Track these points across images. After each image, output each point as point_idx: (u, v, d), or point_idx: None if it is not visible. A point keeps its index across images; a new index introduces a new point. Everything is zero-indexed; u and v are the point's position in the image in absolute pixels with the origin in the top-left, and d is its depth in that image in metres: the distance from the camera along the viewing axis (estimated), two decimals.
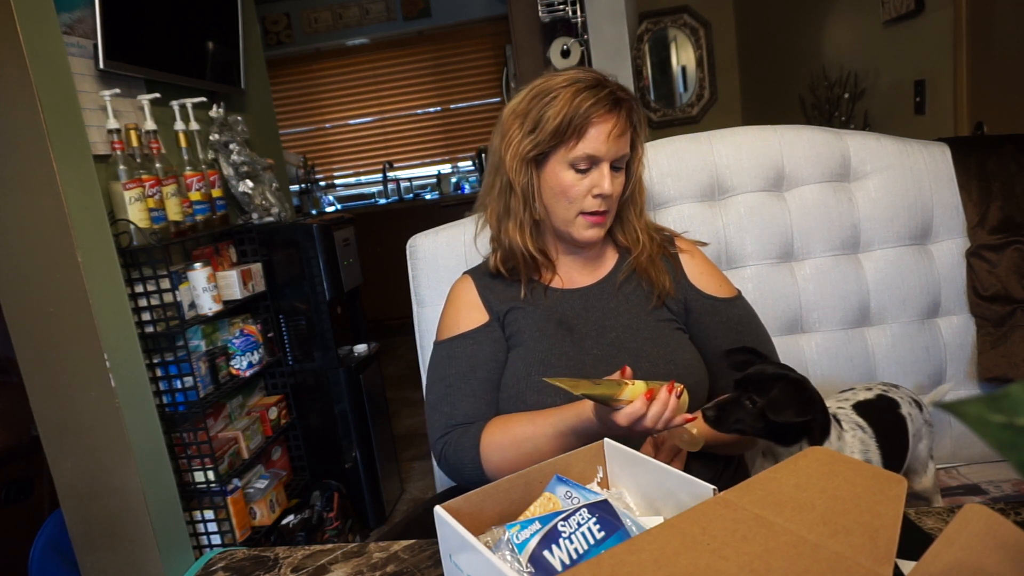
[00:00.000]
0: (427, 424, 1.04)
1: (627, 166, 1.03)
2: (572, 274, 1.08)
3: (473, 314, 1.06)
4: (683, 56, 4.34)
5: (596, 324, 1.01)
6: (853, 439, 0.93)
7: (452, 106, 4.98)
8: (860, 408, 0.99)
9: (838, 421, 0.94)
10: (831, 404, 1.00)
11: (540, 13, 2.73)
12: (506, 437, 0.94)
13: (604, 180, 0.96)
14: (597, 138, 0.95)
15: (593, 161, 0.97)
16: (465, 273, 1.12)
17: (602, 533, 0.61)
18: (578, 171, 0.97)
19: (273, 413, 2.06)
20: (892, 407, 1.01)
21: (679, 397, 0.82)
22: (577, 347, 0.99)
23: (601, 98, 0.95)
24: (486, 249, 1.13)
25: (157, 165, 1.69)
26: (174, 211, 1.73)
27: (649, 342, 0.99)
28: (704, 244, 1.16)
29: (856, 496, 0.52)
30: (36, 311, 1.39)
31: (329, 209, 4.98)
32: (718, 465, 1.00)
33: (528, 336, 1.01)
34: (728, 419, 0.85)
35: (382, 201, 5.03)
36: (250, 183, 2.11)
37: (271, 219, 2.14)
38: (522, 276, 1.06)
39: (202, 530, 1.76)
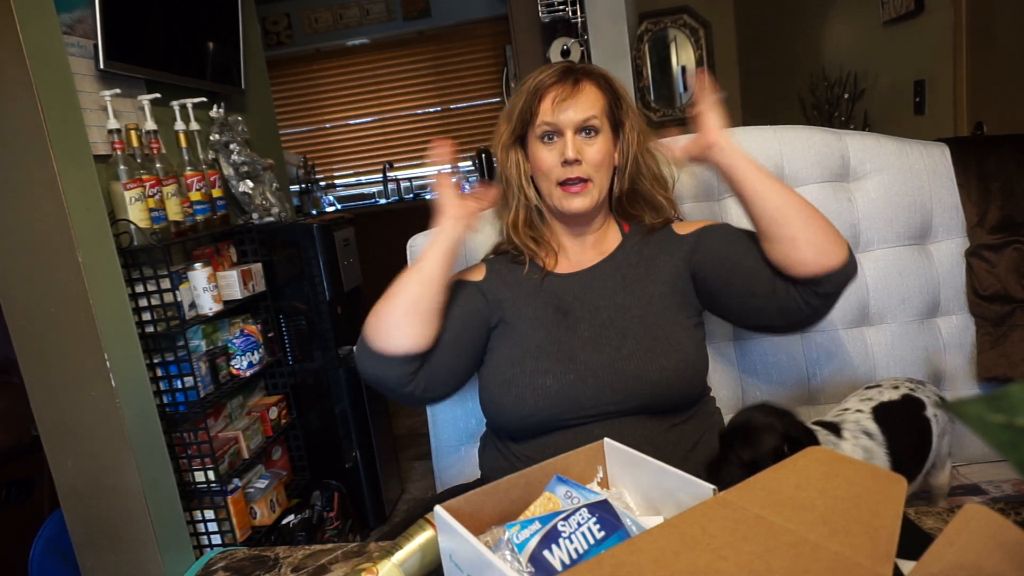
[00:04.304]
0: None
1: (619, 136, 1.06)
2: (577, 256, 1.10)
3: (473, 273, 1.11)
4: (683, 56, 4.34)
5: (591, 306, 1.03)
6: (854, 447, 0.93)
7: (452, 106, 4.98)
8: (882, 410, 0.97)
9: (838, 430, 0.94)
10: (852, 404, 1.00)
11: (540, 13, 2.73)
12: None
13: (568, 147, 1.00)
14: (546, 107, 1.01)
15: (555, 130, 1.01)
16: (482, 260, 1.17)
17: (602, 533, 0.61)
18: (546, 144, 1.03)
19: (273, 413, 2.06)
20: (917, 408, 1.00)
21: None
22: (571, 331, 1.01)
23: (550, 72, 1.03)
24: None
25: (157, 165, 1.69)
26: (174, 211, 1.73)
27: (637, 320, 1.00)
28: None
29: (856, 496, 0.52)
30: (36, 311, 1.39)
31: (329, 209, 4.97)
32: None
33: (526, 324, 1.03)
34: (721, 480, 0.82)
35: (382, 201, 5.03)
36: (250, 183, 2.11)
37: (271, 219, 2.14)
38: (526, 259, 1.10)
39: (202, 530, 1.76)
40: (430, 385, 1.00)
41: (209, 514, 1.75)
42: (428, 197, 4.88)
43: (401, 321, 0.96)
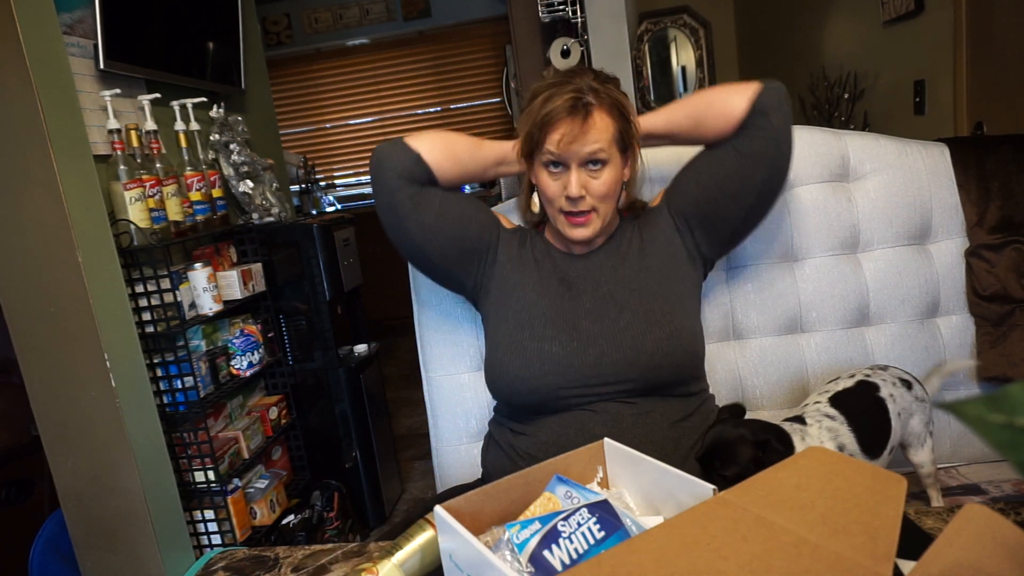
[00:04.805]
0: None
1: (628, 155, 1.06)
2: (581, 248, 1.12)
3: (503, 219, 1.17)
4: (683, 56, 4.34)
5: (592, 281, 1.08)
6: (820, 430, 0.99)
7: (452, 106, 4.97)
8: (837, 398, 1.04)
9: (803, 420, 1.00)
10: (812, 398, 1.07)
11: (540, 13, 2.73)
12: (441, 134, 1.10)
13: (571, 183, 1.00)
14: (553, 142, 0.99)
15: (561, 161, 1.01)
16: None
17: (602, 533, 0.61)
18: (552, 173, 1.02)
19: (273, 413, 2.06)
20: (870, 391, 1.06)
21: None
22: (574, 302, 1.06)
23: (558, 106, 0.97)
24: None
25: (157, 165, 1.69)
26: (174, 211, 1.73)
27: (635, 293, 1.05)
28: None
29: (856, 496, 0.52)
30: (36, 311, 1.39)
31: (329, 209, 4.97)
32: None
33: (531, 291, 1.07)
34: None
35: None
36: (250, 183, 2.11)
37: (271, 219, 2.14)
38: (535, 232, 1.15)
39: (202, 530, 1.76)
40: (418, 205, 1.06)
41: (209, 514, 1.75)
42: None
43: (437, 143, 1.07)
